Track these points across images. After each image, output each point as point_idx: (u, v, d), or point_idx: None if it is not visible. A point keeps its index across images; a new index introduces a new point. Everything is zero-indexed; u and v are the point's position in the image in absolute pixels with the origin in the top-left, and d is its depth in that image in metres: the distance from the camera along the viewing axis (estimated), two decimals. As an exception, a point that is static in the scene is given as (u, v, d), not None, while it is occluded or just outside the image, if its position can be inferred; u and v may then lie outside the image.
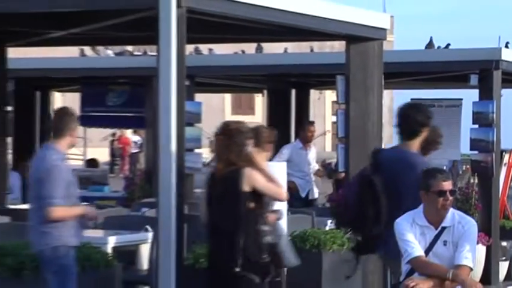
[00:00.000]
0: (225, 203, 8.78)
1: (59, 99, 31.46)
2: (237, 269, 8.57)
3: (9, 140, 16.78)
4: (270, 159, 11.54)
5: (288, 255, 9.55)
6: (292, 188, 14.47)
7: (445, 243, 8.20)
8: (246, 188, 8.70)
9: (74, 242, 9.29)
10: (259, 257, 8.75)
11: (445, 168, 9.98)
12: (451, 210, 8.27)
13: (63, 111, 9.75)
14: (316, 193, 16.95)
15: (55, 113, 10.15)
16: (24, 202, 15.78)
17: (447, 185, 8.24)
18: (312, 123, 17.92)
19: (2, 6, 11.02)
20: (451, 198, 8.23)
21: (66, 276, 9.23)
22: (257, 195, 8.81)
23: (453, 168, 16.40)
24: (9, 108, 16.69)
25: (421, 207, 8.34)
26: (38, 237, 9.29)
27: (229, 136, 8.91)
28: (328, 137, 44.03)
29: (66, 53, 20.47)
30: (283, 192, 9.42)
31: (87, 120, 21.02)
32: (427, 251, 8.17)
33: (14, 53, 15.38)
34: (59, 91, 25.17)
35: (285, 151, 16.12)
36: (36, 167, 9.40)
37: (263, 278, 8.81)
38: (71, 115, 9.56)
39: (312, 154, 16.89)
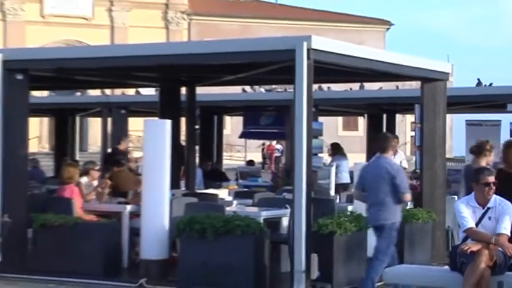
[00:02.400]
0: None
1: (228, 121, 31.82)
2: None
3: (197, 147, 17.16)
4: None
5: None
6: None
7: (489, 218, 8.16)
8: None
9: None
10: None
11: (489, 166, 9.89)
12: (494, 195, 8.24)
13: (385, 135, 10.24)
14: None
15: (380, 136, 10.37)
16: (205, 188, 16.14)
17: (491, 179, 8.24)
18: (396, 136, 17.81)
19: (193, 59, 11.31)
20: (493, 188, 8.23)
21: (393, 240, 9.43)
22: None
23: (495, 167, 16.27)
24: (197, 126, 17.08)
25: (473, 193, 8.32)
26: (381, 215, 9.46)
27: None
28: (408, 146, 43.69)
29: (234, 90, 20.83)
30: None
31: (248, 135, 21.37)
32: (477, 224, 8.14)
33: (200, 90, 15.57)
34: (229, 115, 25.39)
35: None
36: (379, 169, 9.54)
37: None
38: (391, 138, 10.06)
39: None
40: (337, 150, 17.63)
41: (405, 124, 43.75)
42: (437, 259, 11.33)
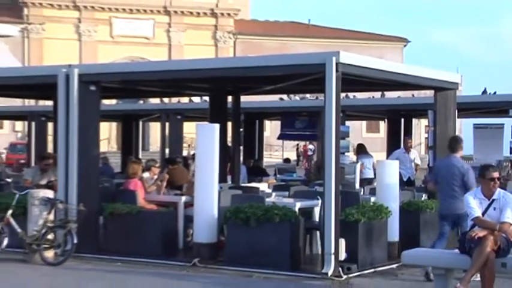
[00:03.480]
0: None
1: (268, 125, 31.78)
2: None
3: (241, 147, 17.16)
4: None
5: None
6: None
7: (494, 208, 8.06)
8: None
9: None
10: None
11: (493, 164, 9.79)
12: (498, 189, 8.16)
13: (455, 138, 10.18)
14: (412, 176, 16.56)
15: (453, 138, 10.28)
16: (248, 182, 16.15)
17: (495, 174, 8.14)
18: (410, 137, 17.62)
19: (238, 72, 11.32)
20: (498, 182, 8.15)
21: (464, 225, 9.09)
22: None
23: (499, 164, 16.10)
24: (241, 129, 17.10)
25: (480, 187, 8.25)
26: (454, 206, 9.36)
27: None
28: (422, 146, 43.40)
29: (272, 98, 20.83)
30: None
31: (284, 136, 21.32)
32: (483, 214, 8.05)
33: (244, 98, 15.52)
34: (268, 120, 25.39)
35: (395, 154, 15.97)
36: (451, 167, 9.47)
37: None
38: (460, 139, 10.01)
39: (412, 155, 16.48)
40: (361, 150, 17.60)
41: (420, 127, 43.45)
42: (448, 244, 11.20)
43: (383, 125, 35.55)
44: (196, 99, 26.21)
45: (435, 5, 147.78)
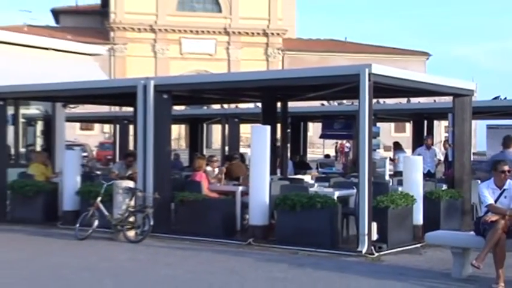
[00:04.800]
0: None
1: (311, 126, 31.58)
2: None
3: (288, 145, 17.03)
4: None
5: None
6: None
7: (505, 197, 7.85)
8: None
9: None
10: None
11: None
12: (508, 180, 7.94)
13: (509, 136, 10.26)
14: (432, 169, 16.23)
15: (507, 136, 10.24)
16: (295, 174, 16.03)
17: (506, 168, 7.90)
18: (430, 136, 17.33)
19: (286, 82, 11.22)
20: (508, 174, 7.93)
21: None
22: None
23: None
24: (288, 130, 17.00)
25: (492, 178, 8.03)
26: None
27: None
28: (442, 144, 42.67)
29: (315, 104, 20.68)
30: None
31: (325, 136, 21.06)
32: (495, 201, 7.85)
33: (291, 104, 15.42)
34: (311, 122, 25.24)
35: (417, 151, 15.76)
36: (505, 159, 8.60)
37: None
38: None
39: (433, 152, 16.22)
40: (398, 147, 17.82)
41: (440, 128, 42.62)
42: (465, 227, 11.01)
43: (409, 126, 35.13)
44: (250, 105, 26.26)
45: (454, 23, 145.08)
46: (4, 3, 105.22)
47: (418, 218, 10.70)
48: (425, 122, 19.34)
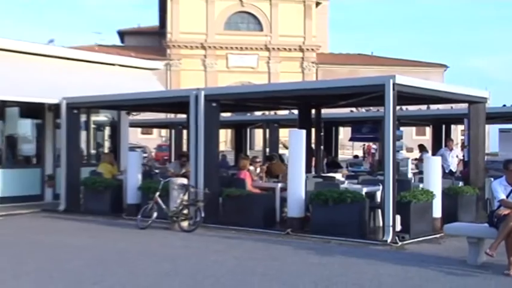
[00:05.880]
0: None
1: (342, 130, 31.40)
2: None
3: (322, 147, 16.89)
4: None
5: None
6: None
7: (516, 193, 7.74)
8: None
9: None
10: None
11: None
12: (519, 178, 7.78)
13: None
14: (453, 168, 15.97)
15: None
16: (327, 172, 15.79)
17: (517, 167, 7.83)
18: (451, 139, 17.05)
19: (320, 92, 11.13)
20: (519, 173, 7.81)
21: None
22: None
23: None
24: (322, 134, 16.88)
25: (504, 176, 7.86)
26: None
27: None
28: (459, 146, 41.73)
29: (345, 110, 20.50)
30: None
31: (354, 139, 20.93)
32: (507, 196, 7.71)
33: (324, 111, 15.28)
34: (342, 126, 25.06)
35: (440, 152, 15.52)
36: None
37: None
38: None
39: (454, 153, 15.95)
40: (423, 148, 17.70)
41: (457, 131, 41.88)
42: (479, 219, 10.79)
43: (428, 130, 34.54)
44: (287, 112, 26.21)
45: (469, 37, 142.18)
46: (79, 26, 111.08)
47: (437, 211, 10.53)
48: (444, 126, 19.02)
